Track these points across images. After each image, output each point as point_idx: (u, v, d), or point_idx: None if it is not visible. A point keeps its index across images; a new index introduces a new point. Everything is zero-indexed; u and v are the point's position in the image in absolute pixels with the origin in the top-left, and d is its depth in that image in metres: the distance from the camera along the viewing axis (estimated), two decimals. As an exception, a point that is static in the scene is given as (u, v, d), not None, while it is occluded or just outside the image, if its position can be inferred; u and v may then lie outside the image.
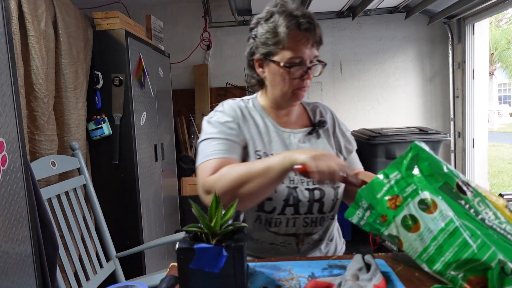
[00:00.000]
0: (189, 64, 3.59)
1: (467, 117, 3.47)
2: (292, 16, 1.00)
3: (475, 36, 3.39)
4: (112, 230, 1.91)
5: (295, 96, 1.06)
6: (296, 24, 0.99)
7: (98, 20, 2.10)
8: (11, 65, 1.03)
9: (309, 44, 1.01)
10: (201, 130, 1.10)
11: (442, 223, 0.74)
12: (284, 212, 1.03)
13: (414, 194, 0.78)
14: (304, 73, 1.03)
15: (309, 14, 1.01)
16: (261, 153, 1.06)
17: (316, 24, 1.01)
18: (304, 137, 1.11)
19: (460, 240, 0.71)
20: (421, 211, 0.77)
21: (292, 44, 1.00)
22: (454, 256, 0.71)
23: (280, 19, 1.01)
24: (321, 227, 1.09)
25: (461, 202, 0.77)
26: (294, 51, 1.00)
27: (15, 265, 1.02)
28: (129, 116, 2.12)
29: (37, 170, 1.46)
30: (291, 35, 1.00)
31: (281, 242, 1.07)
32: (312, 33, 1.00)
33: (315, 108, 1.20)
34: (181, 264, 0.71)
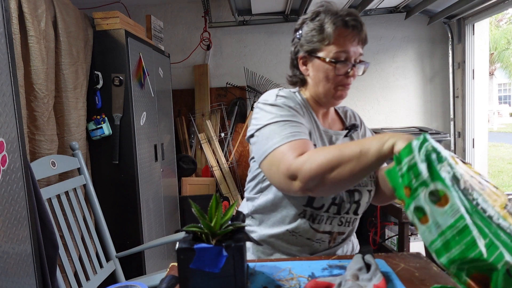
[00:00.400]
0: (189, 64, 3.59)
1: (467, 117, 3.47)
2: (338, 14, 1.01)
3: (475, 36, 3.39)
4: (112, 230, 1.91)
5: (337, 93, 1.06)
6: (342, 22, 1.00)
7: (98, 20, 2.10)
8: (11, 65, 1.03)
9: (355, 42, 1.01)
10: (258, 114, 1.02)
11: (451, 219, 0.71)
12: (328, 210, 1.04)
13: (426, 183, 0.74)
14: (349, 70, 1.03)
15: (355, 12, 1.02)
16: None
17: (362, 23, 1.02)
18: (342, 140, 1.12)
19: (469, 239, 0.69)
20: (432, 203, 0.73)
21: (338, 39, 1.01)
22: (460, 254, 0.70)
23: (326, 17, 1.02)
24: (350, 228, 1.10)
25: (469, 198, 0.74)
26: (340, 46, 1.01)
27: (15, 265, 1.02)
28: (129, 116, 2.12)
29: (37, 170, 1.46)
30: (337, 31, 1.00)
31: (317, 239, 1.07)
32: (359, 31, 1.01)
33: (345, 112, 1.22)
34: (181, 264, 0.71)
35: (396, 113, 3.68)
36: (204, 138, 3.48)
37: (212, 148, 3.48)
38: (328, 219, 1.05)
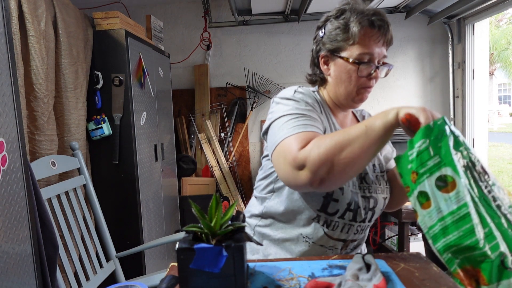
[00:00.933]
0: (189, 64, 3.59)
1: (467, 117, 3.47)
2: (364, 13, 0.97)
3: (475, 36, 3.39)
4: (112, 230, 1.91)
5: (359, 96, 1.03)
6: (369, 21, 0.96)
7: (98, 20, 2.10)
8: (11, 65, 1.03)
9: (379, 42, 0.98)
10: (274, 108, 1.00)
11: (454, 205, 0.71)
12: (343, 217, 1.00)
13: (435, 168, 0.74)
14: (372, 72, 1.00)
15: (382, 12, 0.99)
16: None
17: (388, 23, 0.98)
18: None
19: (468, 226, 0.69)
20: (437, 189, 0.73)
21: (364, 40, 0.97)
22: (457, 240, 0.70)
23: (352, 16, 0.98)
24: (363, 235, 1.08)
25: (481, 185, 0.73)
26: (365, 47, 0.97)
27: (15, 265, 1.02)
28: (129, 116, 2.12)
29: (37, 170, 1.46)
30: (363, 31, 0.96)
31: (330, 246, 1.04)
32: (385, 31, 0.97)
33: (363, 115, 1.20)
34: (181, 264, 0.71)
35: (396, 113, 3.68)
36: (204, 138, 3.48)
37: (212, 148, 3.48)
38: (345, 226, 1.02)
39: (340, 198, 0.98)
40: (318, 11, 3.38)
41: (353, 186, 1.01)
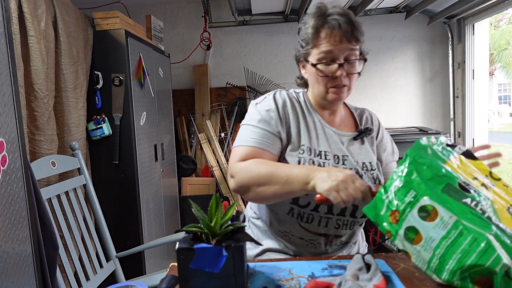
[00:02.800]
0: (189, 64, 3.59)
1: (467, 117, 3.47)
2: (320, 16, 1.01)
3: (475, 36, 3.39)
4: (112, 230, 1.91)
5: (329, 96, 1.05)
6: (321, 23, 1.00)
7: (98, 20, 2.09)
8: (11, 65, 1.03)
9: (339, 40, 0.99)
10: (248, 112, 1.11)
11: (443, 231, 0.72)
12: (317, 210, 1.03)
13: (414, 201, 0.77)
14: (336, 70, 1.01)
15: (341, 12, 1.00)
16: (304, 148, 1.05)
17: (345, 20, 0.98)
18: (348, 141, 1.11)
19: (463, 247, 0.70)
20: (422, 219, 0.75)
21: (319, 41, 1.01)
22: (457, 263, 0.70)
23: (309, 20, 1.03)
24: (350, 231, 1.09)
25: (466, 201, 0.74)
26: (323, 48, 1.00)
27: (15, 265, 1.02)
28: (129, 116, 2.12)
29: (37, 170, 1.46)
30: (317, 33, 1.01)
31: (310, 239, 1.06)
32: (341, 28, 0.98)
33: (362, 114, 1.20)
34: (181, 264, 0.71)
35: (396, 113, 3.68)
36: (204, 138, 3.48)
37: (212, 148, 3.48)
38: (322, 220, 1.04)
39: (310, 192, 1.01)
40: (318, 11, 3.38)
41: None
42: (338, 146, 1.07)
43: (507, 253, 0.67)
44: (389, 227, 0.80)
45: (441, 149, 0.83)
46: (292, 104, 1.10)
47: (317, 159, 1.04)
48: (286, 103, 1.09)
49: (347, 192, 0.84)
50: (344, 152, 1.07)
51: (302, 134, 1.06)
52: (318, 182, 0.86)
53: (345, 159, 1.06)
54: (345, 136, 1.11)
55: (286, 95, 1.11)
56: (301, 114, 1.10)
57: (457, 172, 0.79)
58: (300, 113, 1.10)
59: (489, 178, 0.81)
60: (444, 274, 0.72)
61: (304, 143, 1.05)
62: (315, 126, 1.09)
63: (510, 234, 0.70)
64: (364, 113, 1.21)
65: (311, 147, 1.05)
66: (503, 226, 0.72)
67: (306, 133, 1.07)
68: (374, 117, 1.21)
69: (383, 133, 1.19)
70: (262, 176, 0.94)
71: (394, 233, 0.79)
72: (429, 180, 0.78)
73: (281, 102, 1.08)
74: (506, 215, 0.74)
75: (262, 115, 1.05)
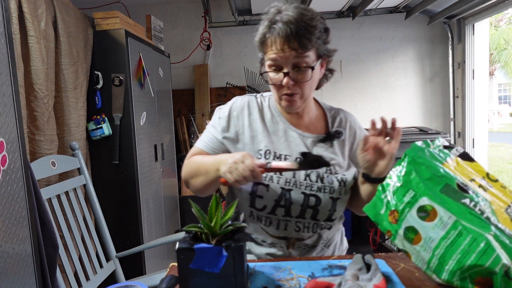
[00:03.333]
0: (189, 64, 3.59)
1: (467, 117, 3.47)
2: (270, 22, 0.97)
3: (475, 36, 3.39)
4: (112, 230, 1.91)
5: (283, 103, 1.03)
6: (267, 30, 0.97)
7: (98, 20, 2.09)
8: (11, 65, 1.03)
9: (278, 49, 0.96)
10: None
11: (442, 231, 0.72)
12: (275, 213, 1.03)
13: (413, 201, 0.77)
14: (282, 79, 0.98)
15: (289, 17, 0.95)
16: (262, 152, 1.06)
17: (288, 28, 0.94)
18: (313, 143, 1.09)
19: (463, 247, 0.70)
20: (421, 220, 0.75)
21: (266, 49, 1.00)
22: (457, 263, 0.70)
23: (259, 26, 1.01)
24: (314, 234, 1.07)
25: (465, 202, 0.74)
26: (270, 56, 0.99)
27: (15, 265, 1.02)
28: (129, 116, 2.12)
29: (37, 170, 1.46)
30: (264, 41, 0.99)
31: (271, 242, 1.07)
32: (283, 36, 0.94)
33: (335, 116, 1.16)
34: (181, 264, 0.71)
35: (396, 113, 3.68)
36: (204, 138, 3.47)
37: (212, 148, 3.48)
38: (280, 222, 1.04)
39: (265, 195, 1.02)
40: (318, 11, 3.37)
41: (286, 183, 1.02)
42: (300, 149, 1.07)
43: (506, 253, 0.67)
44: (389, 227, 0.80)
45: (438, 151, 0.84)
46: (250, 110, 1.10)
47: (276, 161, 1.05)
48: (243, 111, 1.10)
49: (238, 172, 0.90)
50: None
51: (261, 139, 1.07)
52: (221, 166, 0.94)
53: None
54: (310, 138, 1.09)
55: (246, 102, 1.12)
56: (262, 119, 1.09)
57: (455, 174, 0.80)
58: (259, 118, 1.09)
59: (486, 180, 0.81)
60: (444, 275, 0.72)
61: (262, 148, 1.06)
62: (278, 130, 1.09)
63: (509, 235, 0.70)
64: (339, 114, 1.16)
65: (272, 150, 1.06)
66: (502, 227, 0.72)
67: (267, 138, 1.07)
68: (349, 119, 1.16)
69: (361, 136, 1.12)
70: (193, 169, 1.05)
71: (394, 232, 0.79)
72: (428, 180, 0.78)
73: (237, 109, 1.11)
74: (504, 216, 0.74)
75: (214, 121, 1.12)
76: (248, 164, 0.90)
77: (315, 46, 0.98)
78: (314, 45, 0.98)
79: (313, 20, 0.97)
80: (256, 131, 1.08)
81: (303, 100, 1.03)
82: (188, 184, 1.08)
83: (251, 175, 0.90)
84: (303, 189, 1.03)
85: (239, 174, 0.90)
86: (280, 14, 0.97)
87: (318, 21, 0.99)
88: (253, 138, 1.08)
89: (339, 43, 3.61)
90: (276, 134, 1.08)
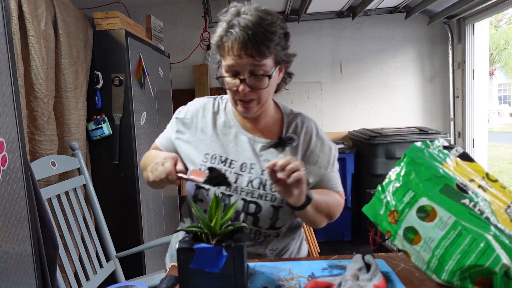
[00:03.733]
0: (189, 64, 3.59)
1: (467, 117, 3.47)
2: (228, 25, 0.93)
3: (475, 36, 3.39)
4: (112, 230, 1.91)
5: (239, 108, 1.01)
6: (224, 33, 0.93)
7: (98, 20, 2.09)
8: (11, 65, 1.03)
9: (235, 55, 0.92)
10: None
11: (442, 231, 0.72)
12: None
13: (413, 201, 0.77)
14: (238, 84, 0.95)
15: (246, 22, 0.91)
16: (209, 156, 1.04)
17: (245, 34, 0.90)
18: (262, 148, 1.05)
19: (462, 247, 0.70)
20: (421, 220, 0.75)
21: (223, 53, 0.96)
22: (457, 264, 0.70)
23: (217, 28, 0.97)
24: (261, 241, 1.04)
25: (464, 202, 0.74)
26: (227, 60, 0.95)
27: (15, 265, 1.02)
28: (129, 116, 2.12)
29: (37, 170, 1.46)
30: (221, 45, 0.95)
31: None
32: (240, 42, 0.90)
33: (292, 121, 1.10)
34: (181, 264, 0.71)
35: (396, 113, 3.68)
36: (204, 138, 3.47)
37: (212, 148, 3.48)
38: None
39: (205, 199, 1.02)
40: (318, 11, 3.38)
41: (227, 188, 1.00)
42: (248, 154, 1.04)
43: (506, 253, 0.67)
44: (388, 227, 0.80)
45: (437, 152, 0.84)
46: (204, 113, 1.10)
47: (221, 166, 1.03)
48: (198, 113, 1.10)
49: (156, 173, 0.92)
50: (253, 160, 1.04)
51: (210, 143, 1.06)
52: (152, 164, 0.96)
53: (252, 167, 1.03)
54: (260, 143, 1.06)
55: (202, 105, 1.12)
56: (214, 123, 1.08)
57: (454, 174, 0.80)
58: (211, 121, 1.08)
59: (486, 180, 0.81)
60: (444, 275, 0.72)
61: (209, 152, 1.05)
62: (229, 133, 1.07)
63: (508, 235, 0.71)
64: (296, 119, 1.10)
65: (218, 154, 1.05)
66: (501, 227, 0.72)
67: (215, 142, 1.06)
68: (306, 125, 1.09)
69: (316, 143, 1.07)
70: (143, 162, 1.13)
71: (394, 233, 0.79)
72: (427, 180, 0.78)
73: (192, 112, 1.11)
74: (504, 216, 0.74)
75: (172, 121, 1.15)
76: (166, 167, 0.91)
77: (274, 52, 0.95)
78: (273, 52, 0.95)
79: (272, 25, 0.93)
80: (206, 135, 1.07)
81: (259, 106, 1.01)
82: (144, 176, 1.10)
83: (166, 178, 0.91)
84: (244, 195, 1.00)
85: (157, 175, 0.92)
86: (238, 18, 0.92)
87: (278, 26, 0.94)
88: (202, 141, 1.07)
89: (339, 43, 3.61)
90: (227, 138, 1.07)
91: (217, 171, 0.97)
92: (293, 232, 1.11)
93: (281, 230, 1.05)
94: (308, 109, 3.64)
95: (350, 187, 3.31)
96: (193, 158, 1.06)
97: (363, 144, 3.20)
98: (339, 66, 3.62)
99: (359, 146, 3.33)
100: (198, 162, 1.05)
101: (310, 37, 3.59)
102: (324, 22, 3.54)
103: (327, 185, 1.07)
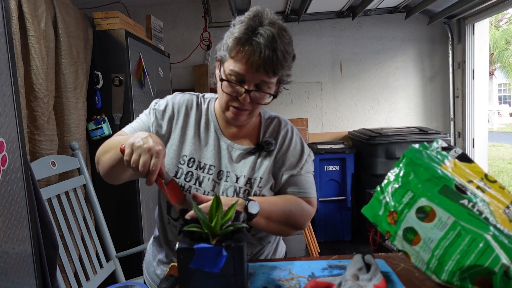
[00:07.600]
0: (189, 64, 3.59)
1: (467, 117, 3.47)
2: (251, 29, 0.89)
3: (475, 36, 3.39)
4: (112, 230, 1.91)
5: (227, 113, 0.97)
6: (246, 39, 0.89)
7: (98, 20, 2.09)
8: (11, 65, 1.03)
9: (254, 66, 0.89)
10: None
11: (441, 232, 0.73)
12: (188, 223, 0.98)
13: (412, 202, 0.77)
14: (241, 94, 0.93)
15: (270, 34, 0.88)
16: (186, 159, 1.01)
17: (270, 48, 0.88)
18: (241, 155, 1.03)
19: (462, 248, 0.70)
20: (420, 220, 0.76)
21: (235, 56, 0.91)
22: (456, 264, 0.70)
23: (237, 27, 0.92)
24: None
25: (463, 202, 0.75)
26: (236, 65, 0.91)
27: (15, 265, 1.02)
28: (129, 116, 2.12)
29: (37, 170, 1.46)
30: (238, 46, 0.90)
31: None
32: (261, 56, 0.88)
33: (269, 125, 1.08)
34: (181, 264, 0.71)
35: (396, 113, 3.68)
36: (204, 138, 3.48)
37: (212, 148, 3.48)
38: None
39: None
40: (318, 11, 3.38)
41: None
42: (224, 162, 1.02)
43: (505, 253, 0.68)
44: (388, 228, 0.80)
45: (435, 153, 0.84)
46: (188, 111, 1.04)
47: (197, 171, 1.00)
48: (181, 109, 1.04)
49: (140, 158, 0.80)
50: (229, 168, 1.01)
51: (189, 144, 1.02)
52: (131, 138, 0.84)
53: (228, 175, 1.01)
54: (239, 150, 1.03)
55: (186, 101, 1.05)
56: (196, 123, 1.04)
57: (452, 175, 0.80)
58: (195, 122, 1.04)
59: (485, 181, 0.81)
60: (444, 275, 0.72)
61: (187, 154, 1.01)
62: (207, 135, 1.03)
63: (508, 235, 0.71)
64: (272, 123, 1.08)
65: (196, 158, 1.01)
66: (500, 227, 0.72)
67: (196, 144, 1.02)
68: (282, 127, 1.08)
69: (289, 146, 1.06)
70: (108, 144, 0.97)
71: (393, 233, 0.79)
72: (426, 181, 0.78)
73: (174, 106, 1.04)
74: (503, 216, 0.75)
75: (149, 112, 1.05)
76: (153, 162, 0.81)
77: (283, 73, 0.95)
78: (283, 73, 0.95)
79: (289, 45, 0.93)
80: (187, 135, 1.03)
81: (250, 117, 0.99)
82: (99, 162, 0.98)
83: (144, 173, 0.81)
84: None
85: (136, 161, 0.81)
86: (262, 27, 0.89)
87: (291, 46, 0.95)
88: (182, 142, 1.02)
89: (339, 43, 3.61)
90: (206, 142, 1.03)
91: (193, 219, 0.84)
92: (268, 236, 1.09)
93: (257, 236, 1.05)
94: (308, 109, 3.65)
95: (350, 187, 3.31)
96: (169, 156, 1.01)
97: (363, 144, 3.20)
98: (339, 66, 3.62)
99: (359, 146, 3.33)
100: (174, 162, 1.01)
101: (310, 37, 3.59)
102: (324, 22, 3.54)
103: (295, 188, 1.04)
